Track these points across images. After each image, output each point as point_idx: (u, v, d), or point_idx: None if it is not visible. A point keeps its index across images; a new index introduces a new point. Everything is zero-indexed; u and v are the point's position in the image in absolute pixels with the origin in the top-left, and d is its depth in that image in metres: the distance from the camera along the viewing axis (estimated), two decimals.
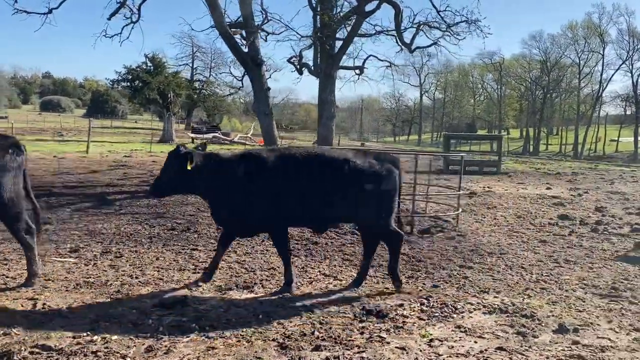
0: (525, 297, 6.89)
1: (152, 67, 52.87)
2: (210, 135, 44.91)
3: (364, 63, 20.53)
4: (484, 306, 6.35)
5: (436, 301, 6.44)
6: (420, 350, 5.03)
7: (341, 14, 18.29)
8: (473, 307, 6.32)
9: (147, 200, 13.42)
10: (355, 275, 7.43)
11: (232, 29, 17.85)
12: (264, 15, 17.37)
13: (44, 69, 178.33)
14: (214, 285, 6.72)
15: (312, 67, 19.57)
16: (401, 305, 6.27)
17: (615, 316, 6.32)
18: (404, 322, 5.73)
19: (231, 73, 59.56)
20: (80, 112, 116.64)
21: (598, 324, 6.02)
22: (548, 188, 21.18)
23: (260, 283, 6.90)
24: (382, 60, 20.74)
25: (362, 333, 5.37)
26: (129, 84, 54.79)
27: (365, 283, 7.10)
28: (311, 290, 6.80)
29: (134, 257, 7.90)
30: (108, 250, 8.32)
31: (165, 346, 4.82)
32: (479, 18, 18.91)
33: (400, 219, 7.48)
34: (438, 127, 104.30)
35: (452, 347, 5.15)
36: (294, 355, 4.76)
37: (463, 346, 5.18)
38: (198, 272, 7.25)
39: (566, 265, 8.67)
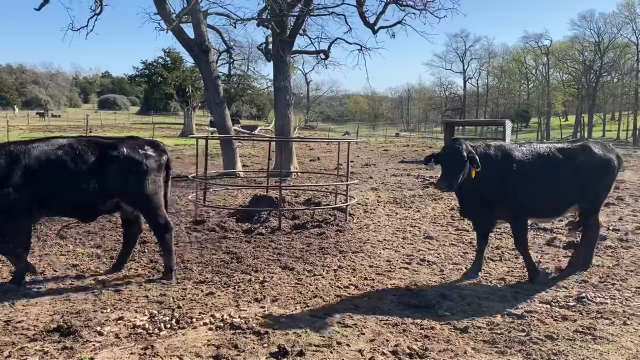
0: (305, 307, 5.72)
1: (169, 62, 52.86)
2: None
3: (329, 47, 19.25)
4: (222, 320, 5.23)
5: (169, 312, 5.41)
6: None
7: None
8: (207, 320, 5.23)
9: None
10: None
11: (179, 16, 17.08)
12: None
13: (103, 68, 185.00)
14: None
15: (271, 53, 18.52)
16: (121, 318, 5.26)
17: (389, 333, 5.08)
18: (86, 341, 4.73)
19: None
20: (135, 110, 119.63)
21: (348, 344, 4.82)
22: None
23: None
24: (351, 44, 19.38)
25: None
26: (146, 79, 54.99)
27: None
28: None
29: None
30: None
31: None
32: None
33: None
34: (489, 115, 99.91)
35: None
36: None
37: None
38: None
39: (415, 267, 7.33)
